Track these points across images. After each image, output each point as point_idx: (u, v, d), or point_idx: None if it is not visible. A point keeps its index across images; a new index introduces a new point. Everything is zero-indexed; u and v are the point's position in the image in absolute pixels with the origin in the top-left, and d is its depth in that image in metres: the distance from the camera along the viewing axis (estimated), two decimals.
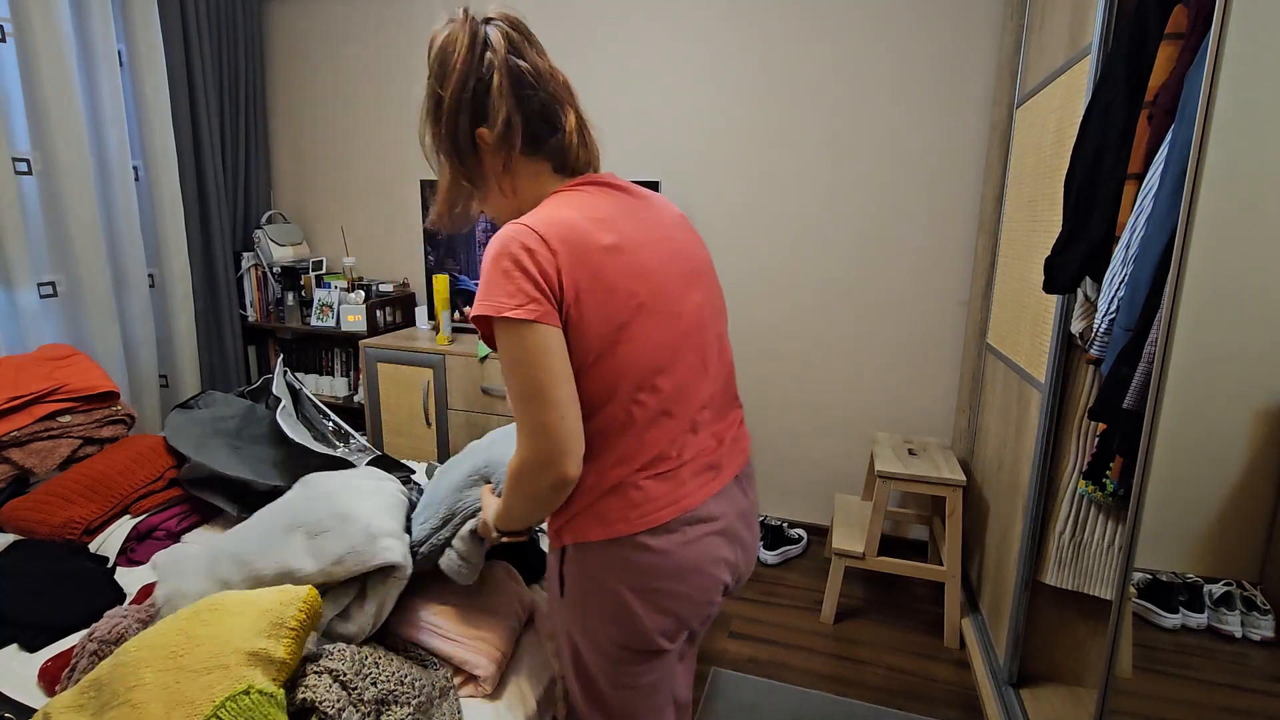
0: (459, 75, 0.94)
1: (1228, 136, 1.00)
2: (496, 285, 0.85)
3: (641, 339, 0.90)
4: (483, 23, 0.96)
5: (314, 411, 1.95)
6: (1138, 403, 1.16)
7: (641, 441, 0.92)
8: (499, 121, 0.95)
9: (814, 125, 2.51)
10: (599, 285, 0.88)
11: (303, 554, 1.10)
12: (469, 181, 0.99)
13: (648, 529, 0.91)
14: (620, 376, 0.90)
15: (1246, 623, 1.20)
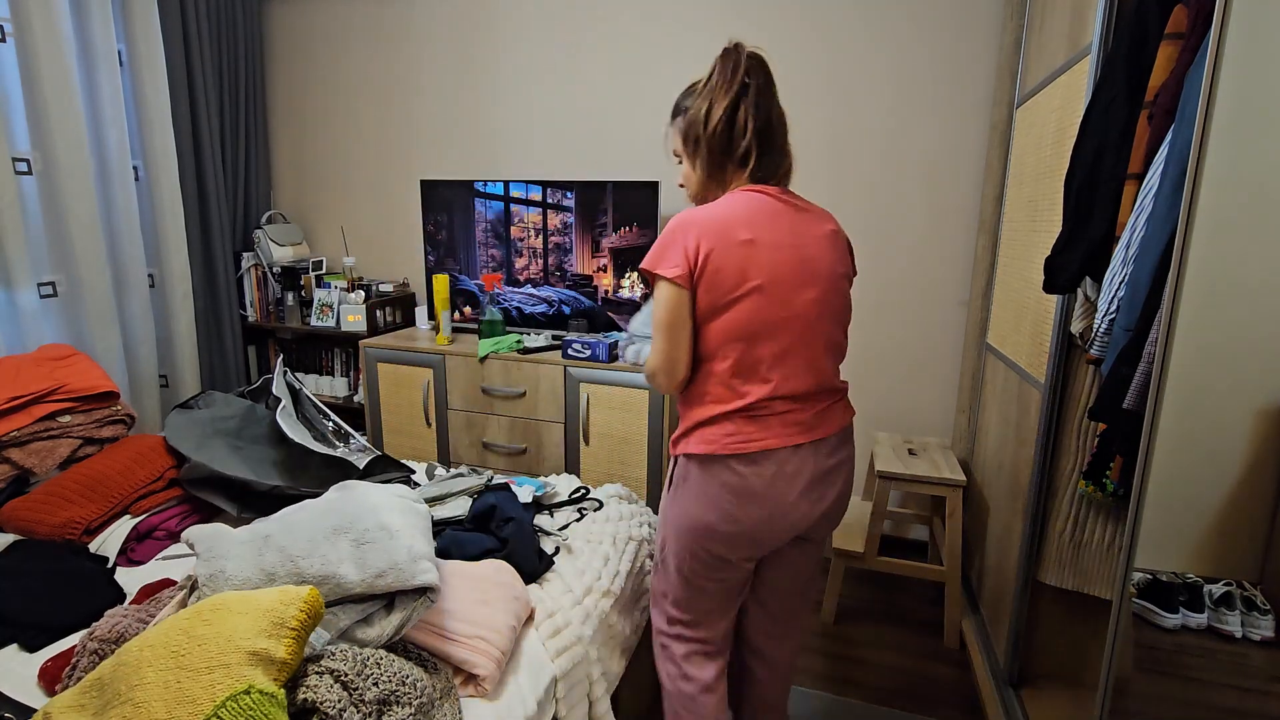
0: (729, 98, 1.24)
1: (1228, 136, 1.00)
2: (663, 251, 1.21)
3: (750, 312, 1.20)
4: (746, 59, 1.26)
5: (314, 411, 1.95)
6: (1138, 403, 1.16)
7: (741, 390, 1.21)
8: (741, 145, 1.26)
9: (814, 125, 2.52)
10: (726, 265, 1.19)
11: (348, 561, 1.11)
12: (702, 169, 1.30)
13: (735, 454, 1.20)
14: (729, 334, 1.20)
15: (1246, 623, 1.20)
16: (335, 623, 1.07)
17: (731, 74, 1.25)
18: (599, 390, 2.40)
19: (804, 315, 1.23)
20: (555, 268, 2.69)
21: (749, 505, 1.21)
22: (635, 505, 1.80)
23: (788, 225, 1.25)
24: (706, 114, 1.26)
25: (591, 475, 2.48)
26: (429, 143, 3.00)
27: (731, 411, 1.21)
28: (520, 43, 2.79)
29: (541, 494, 1.73)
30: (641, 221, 2.51)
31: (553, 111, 2.81)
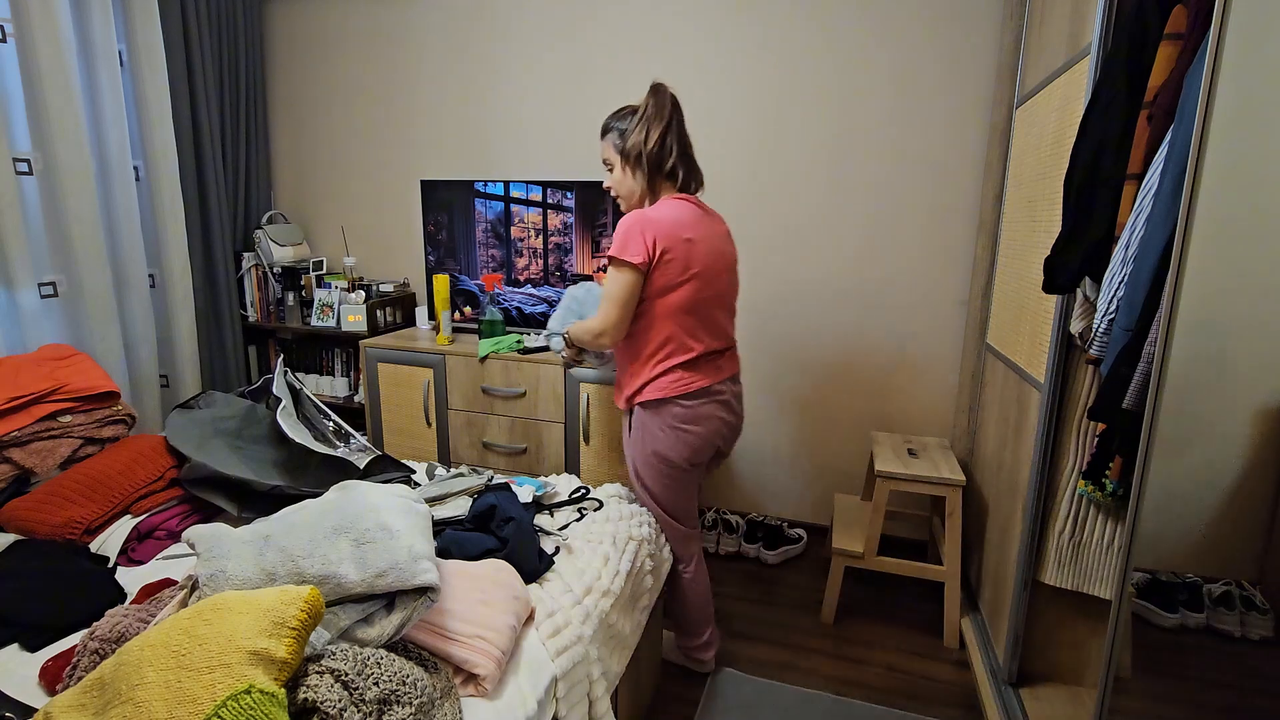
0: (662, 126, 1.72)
1: (1227, 137, 1.00)
2: (626, 242, 1.61)
3: (692, 292, 1.67)
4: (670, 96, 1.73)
5: (314, 411, 1.95)
6: (1137, 403, 1.16)
7: (682, 345, 1.69)
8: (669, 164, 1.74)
9: (814, 125, 2.52)
10: (676, 257, 1.64)
11: (348, 561, 1.11)
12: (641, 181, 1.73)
13: (682, 394, 1.70)
14: (675, 308, 1.66)
15: (1246, 622, 1.20)
16: (336, 622, 1.07)
17: (662, 108, 1.71)
18: (599, 390, 2.40)
19: (721, 293, 1.75)
20: (555, 268, 2.69)
21: (694, 425, 1.72)
22: (635, 505, 1.80)
23: (707, 227, 1.72)
24: (646, 138, 1.70)
25: (591, 475, 2.48)
26: (429, 143, 3.00)
27: (675, 365, 1.69)
28: (521, 43, 2.79)
29: (541, 494, 1.73)
30: None
31: (553, 111, 2.81)
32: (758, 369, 2.74)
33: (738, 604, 2.35)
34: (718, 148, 2.63)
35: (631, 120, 1.72)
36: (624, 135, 1.73)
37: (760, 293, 2.68)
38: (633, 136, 1.70)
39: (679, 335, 1.68)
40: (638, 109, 1.73)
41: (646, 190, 1.75)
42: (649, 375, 1.71)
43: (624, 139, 1.72)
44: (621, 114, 1.76)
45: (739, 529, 2.68)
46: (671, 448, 1.72)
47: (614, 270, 1.63)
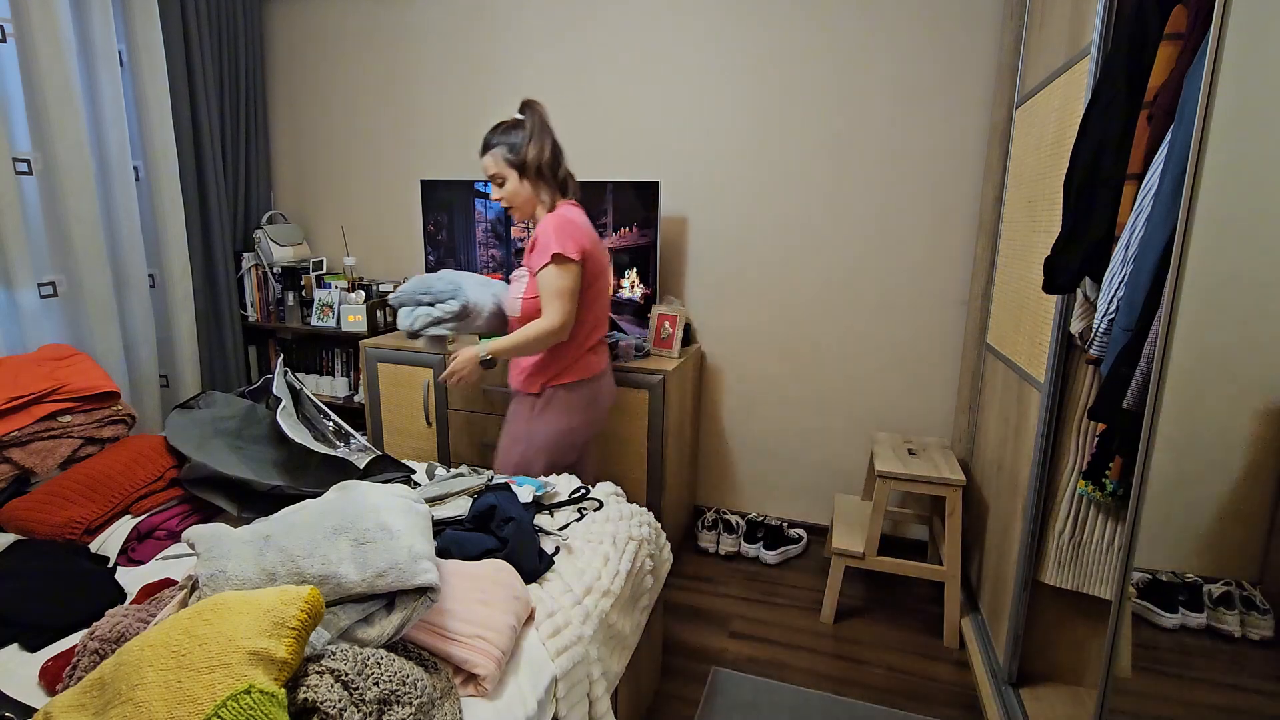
0: (551, 138, 1.87)
1: (1227, 137, 1.00)
2: (565, 241, 1.77)
3: (602, 288, 1.92)
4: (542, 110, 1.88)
5: (314, 411, 1.95)
6: (1137, 403, 1.16)
7: (596, 331, 1.95)
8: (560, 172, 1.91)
9: (813, 125, 2.52)
10: (595, 256, 1.86)
11: (348, 561, 1.11)
12: (536, 191, 1.88)
13: (598, 373, 1.97)
14: (592, 302, 1.89)
15: (1246, 622, 1.20)
16: (336, 622, 1.07)
17: (545, 121, 1.86)
18: None
19: (609, 289, 2.00)
20: None
21: (595, 402, 1.98)
22: (635, 505, 1.80)
23: (594, 231, 1.92)
24: (541, 150, 1.83)
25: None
26: (429, 143, 3.00)
27: (590, 349, 1.94)
28: (521, 43, 2.79)
29: (541, 494, 1.73)
30: (641, 222, 2.51)
31: (553, 111, 2.79)
32: (758, 369, 2.74)
33: (738, 604, 2.35)
34: (718, 148, 2.63)
35: (518, 134, 1.83)
36: (515, 149, 1.83)
37: (760, 292, 2.68)
38: (530, 150, 1.82)
39: (595, 324, 1.93)
40: (519, 123, 1.85)
41: (541, 200, 1.89)
42: (572, 359, 1.90)
43: (516, 153, 1.83)
44: (503, 129, 1.86)
45: (739, 529, 2.68)
46: (585, 422, 1.97)
47: (558, 268, 1.76)
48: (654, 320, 2.54)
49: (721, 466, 2.88)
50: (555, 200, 1.90)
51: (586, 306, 1.87)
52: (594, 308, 1.90)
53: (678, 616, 2.27)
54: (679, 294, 2.78)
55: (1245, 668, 1.25)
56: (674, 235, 2.74)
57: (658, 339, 2.54)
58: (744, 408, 2.79)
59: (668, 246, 2.74)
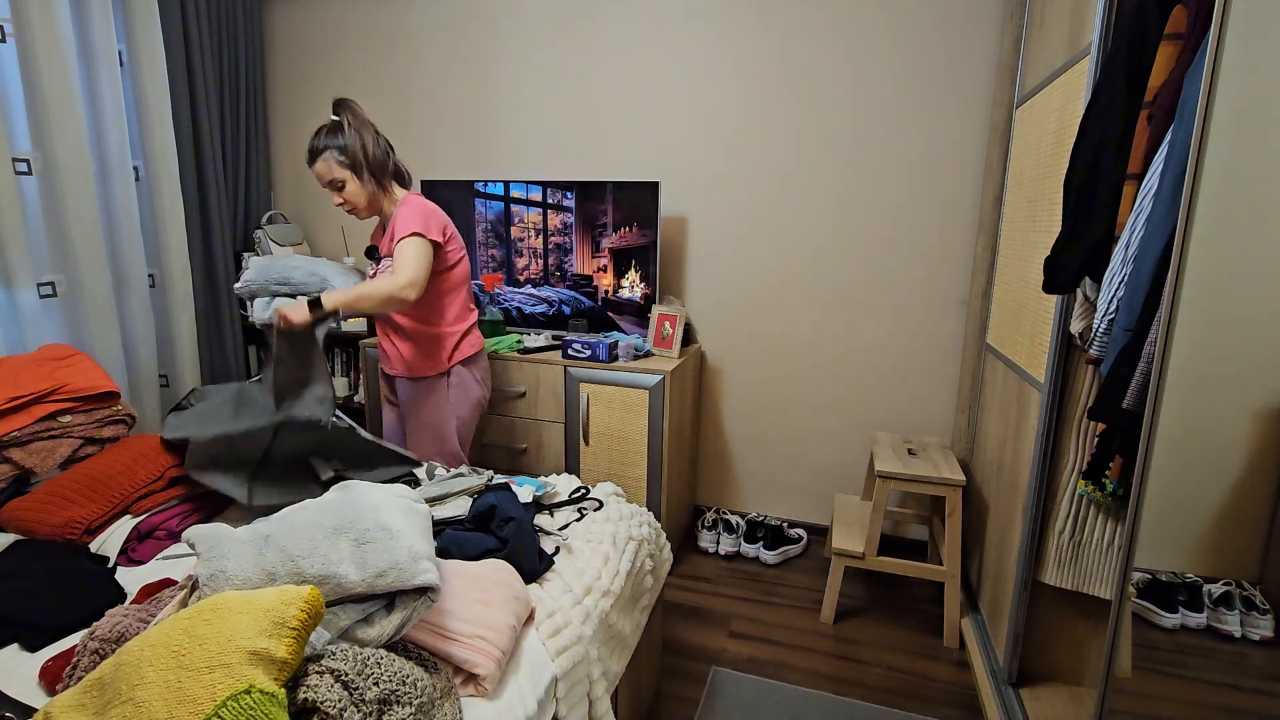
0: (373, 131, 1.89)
1: (1227, 137, 1.00)
2: (428, 224, 1.85)
3: (465, 268, 2.01)
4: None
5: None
6: (1137, 403, 1.16)
7: (469, 310, 2.06)
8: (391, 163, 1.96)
9: (813, 126, 2.52)
10: (453, 237, 1.96)
11: (348, 561, 1.11)
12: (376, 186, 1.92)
13: (480, 349, 2.08)
14: (460, 279, 2.00)
15: (1246, 622, 1.20)
16: (336, 622, 1.07)
17: (362, 115, 1.86)
18: (599, 390, 2.40)
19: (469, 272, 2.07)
20: (555, 268, 2.69)
21: (488, 374, 2.13)
22: (634, 505, 1.80)
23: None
24: (365, 147, 1.84)
25: (591, 475, 2.48)
26: (429, 143, 3.00)
27: (470, 327, 2.04)
28: (520, 43, 2.79)
29: (541, 494, 1.73)
30: (641, 221, 2.51)
31: (553, 111, 2.81)
32: (757, 369, 2.74)
33: (738, 604, 2.35)
34: (718, 148, 2.63)
35: (341, 135, 1.83)
36: (345, 150, 1.82)
37: (760, 292, 2.68)
38: (356, 147, 1.83)
39: (467, 302, 2.04)
40: (339, 125, 1.84)
41: (380, 195, 1.92)
42: (459, 334, 2.00)
43: (347, 153, 1.83)
44: (325, 132, 1.84)
45: (739, 529, 2.68)
46: (484, 395, 2.10)
47: (418, 241, 1.80)
48: (654, 320, 2.54)
49: (721, 466, 2.88)
50: (392, 191, 1.95)
51: (459, 284, 1.98)
52: (466, 286, 2.01)
53: (678, 616, 2.27)
54: (679, 294, 2.78)
55: (1245, 668, 1.25)
56: (674, 235, 2.74)
57: (658, 339, 2.54)
58: (744, 407, 2.79)
59: (668, 246, 2.74)
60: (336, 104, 1.86)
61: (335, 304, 1.73)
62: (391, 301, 1.76)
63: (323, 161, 1.84)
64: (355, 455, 1.80)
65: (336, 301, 1.73)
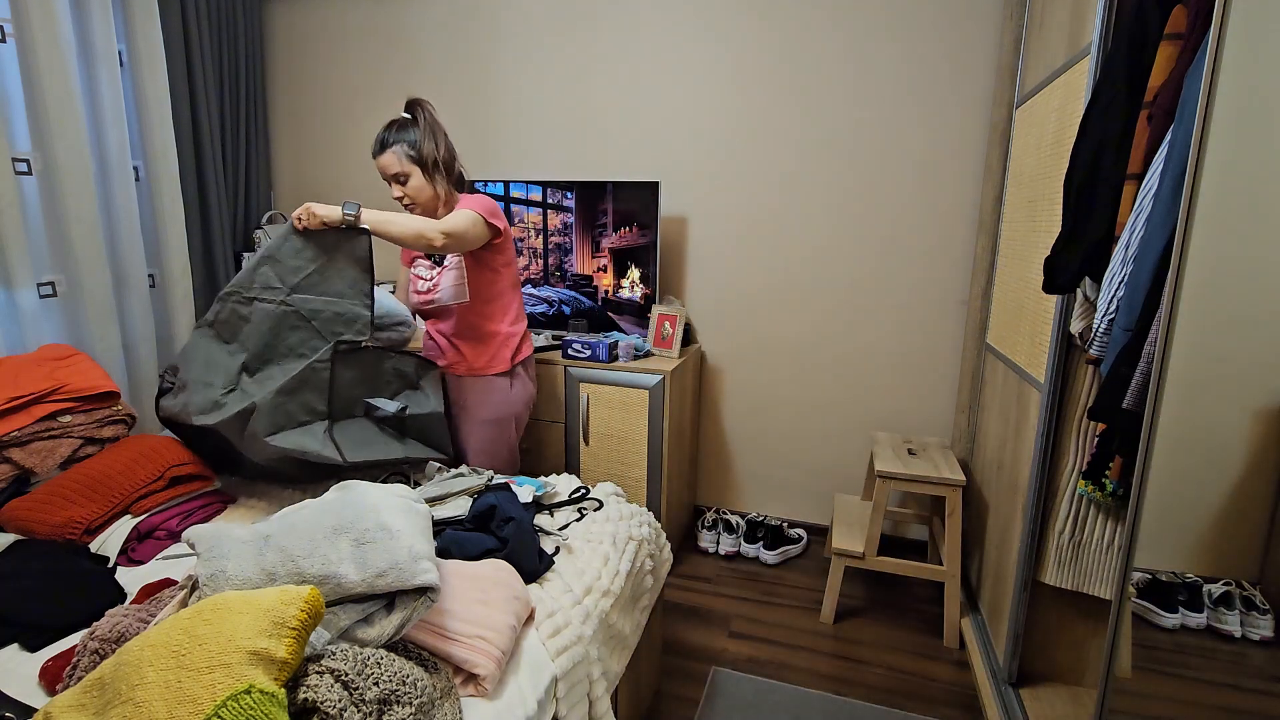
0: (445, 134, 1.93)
1: (1227, 137, 1.00)
2: (494, 210, 1.89)
3: (516, 270, 2.04)
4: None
5: None
6: (1137, 403, 1.16)
7: (523, 317, 2.10)
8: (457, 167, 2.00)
9: (813, 126, 2.52)
10: (508, 240, 1.98)
11: (348, 561, 1.11)
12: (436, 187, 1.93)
13: (533, 350, 2.14)
14: (514, 281, 2.03)
15: (1246, 622, 1.20)
16: (336, 622, 1.07)
17: (435, 117, 1.89)
18: (599, 390, 2.40)
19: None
20: (555, 268, 2.69)
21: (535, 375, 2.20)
22: (634, 505, 1.80)
23: None
24: (439, 145, 1.87)
25: (591, 475, 2.48)
26: None
27: (526, 330, 2.09)
28: (520, 43, 2.79)
29: (541, 494, 1.73)
30: (641, 221, 2.51)
31: (553, 111, 2.81)
32: (757, 369, 2.74)
33: (738, 604, 2.35)
34: (718, 148, 2.63)
35: (413, 131, 1.85)
36: (415, 146, 1.85)
37: (760, 292, 2.68)
38: (428, 145, 1.85)
39: (522, 308, 2.09)
40: (412, 121, 1.86)
41: (444, 194, 1.93)
42: (519, 335, 2.05)
43: (417, 149, 1.85)
44: (397, 126, 1.86)
45: (739, 529, 2.68)
46: (534, 393, 2.17)
47: (473, 214, 1.81)
48: (654, 320, 2.54)
49: (721, 466, 2.88)
50: (453, 197, 1.96)
51: (516, 285, 2.04)
52: (517, 289, 2.05)
53: (678, 616, 2.27)
54: (679, 294, 2.78)
55: (1245, 668, 1.25)
56: (674, 235, 2.74)
57: (658, 339, 2.54)
58: (744, 407, 2.79)
59: (668, 246, 2.74)
60: (411, 103, 1.89)
61: (370, 218, 1.72)
62: (420, 238, 1.72)
63: (391, 153, 1.85)
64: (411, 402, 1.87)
65: (371, 216, 1.73)
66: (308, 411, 1.69)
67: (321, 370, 1.69)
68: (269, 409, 1.62)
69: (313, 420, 1.70)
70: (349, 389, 1.77)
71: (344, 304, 1.73)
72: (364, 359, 1.79)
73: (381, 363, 1.85)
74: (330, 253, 1.73)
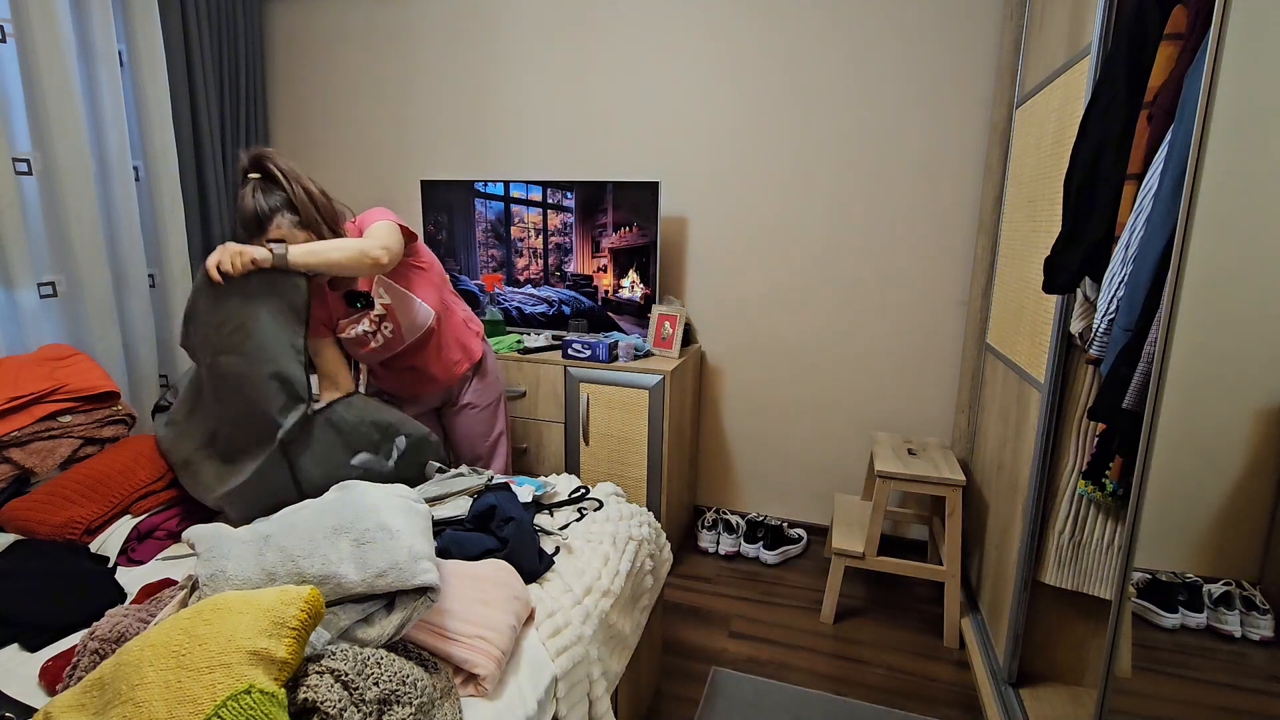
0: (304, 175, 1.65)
1: (1227, 137, 1.00)
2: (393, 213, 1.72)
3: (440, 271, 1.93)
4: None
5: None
6: (1137, 403, 1.16)
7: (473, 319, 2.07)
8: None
9: (812, 126, 2.52)
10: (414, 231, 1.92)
11: (348, 561, 1.11)
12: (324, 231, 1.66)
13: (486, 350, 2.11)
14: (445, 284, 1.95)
15: (1246, 622, 1.20)
16: (336, 622, 1.07)
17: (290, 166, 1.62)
18: (599, 390, 2.40)
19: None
20: (555, 268, 2.69)
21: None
22: (634, 505, 1.80)
23: None
24: (312, 196, 1.61)
25: (591, 475, 2.48)
26: (429, 143, 3.00)
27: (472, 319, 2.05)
28: (521, 42, 2.79)
29: (541, 494, 1.73)
30: (641, 221, 2.51)
31: (553, 111, 2.81)
32: (757, 369, 2.74)
33: (738, 604, 2.35)
34: (718, 148, 2.63)
35: (280, 193, 1.57)
36: (296, 207, 1.57)
37: (760, 292, 2.68)
38: (304, 200, 1.58)
39: (458, 297, 2.04)
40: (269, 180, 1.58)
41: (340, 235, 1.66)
42: (476, 330, 2.03)
43: (300, 210, 1.57)
44: (262, 191, 1.56)
45: (739, 529, 2.68)
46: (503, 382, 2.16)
47: (388, 222, 1.66)
48: (654, 320, 2.54)
49: (721, 466, 2.88)
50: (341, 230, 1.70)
51: (444, 279, 1.95)
52: (447, 281, 1.98)
53: (678, 616, 2.27)
54: (679, 294, 2.78)
55: (1245, 668, 1.25)
56: (674, 235, 2.74)
57: (658, 339, 2.54)
58: (744, 407, 2.79)
59: (668, 246, 2.74)
60: (255, 158, 1.59)
61: (299, 256, 1.47)
62: (363, 258, 1.52)
63: (276, 227, 1.56)
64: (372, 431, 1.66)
65: (300, 252, 1.47)
66: (276, 505, 1.49)
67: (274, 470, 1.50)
68: (237, 502, 1.51)
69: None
70: (322, 463, 1.57)
71: (278, 363, 1.50)
72: (325, 429, 1.57)
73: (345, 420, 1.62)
74: (256, 302, 1.49)
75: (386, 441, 1.69)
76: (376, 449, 1.66)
